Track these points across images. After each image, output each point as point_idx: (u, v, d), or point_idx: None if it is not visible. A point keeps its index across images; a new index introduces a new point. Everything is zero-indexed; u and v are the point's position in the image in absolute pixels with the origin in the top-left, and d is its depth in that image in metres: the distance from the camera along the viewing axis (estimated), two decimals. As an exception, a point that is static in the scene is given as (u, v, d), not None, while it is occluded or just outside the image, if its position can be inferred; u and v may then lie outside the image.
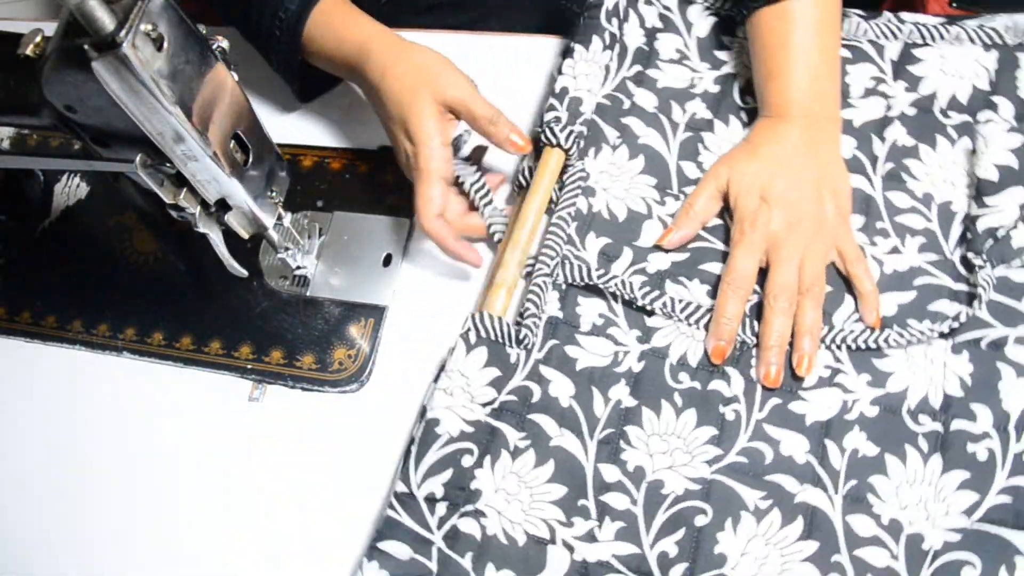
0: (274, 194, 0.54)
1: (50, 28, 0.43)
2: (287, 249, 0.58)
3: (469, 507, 0.49)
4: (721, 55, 0.63)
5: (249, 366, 0.60)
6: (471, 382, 0.51)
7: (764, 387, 0.52)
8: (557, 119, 0.58)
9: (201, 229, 0.52)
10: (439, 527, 0.48)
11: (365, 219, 0.63)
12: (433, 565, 0.47)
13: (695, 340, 0.54)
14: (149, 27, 0.40)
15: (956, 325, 0.51)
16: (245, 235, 0.54)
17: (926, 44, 0.61)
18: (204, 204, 0.51)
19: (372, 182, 0.65)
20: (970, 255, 0.53)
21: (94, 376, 0.62)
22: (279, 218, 0.55)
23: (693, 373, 0.53)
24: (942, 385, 0.51)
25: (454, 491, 0.49)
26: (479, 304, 0.57)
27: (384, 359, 0.59)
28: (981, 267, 0.52)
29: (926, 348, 0.52)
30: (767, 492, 0.49)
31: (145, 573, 0.55)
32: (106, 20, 0.38)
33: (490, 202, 0.59)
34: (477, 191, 0.59)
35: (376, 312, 0.60)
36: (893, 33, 0.61)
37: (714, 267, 0.56)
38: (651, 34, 0.64)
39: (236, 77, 0.49)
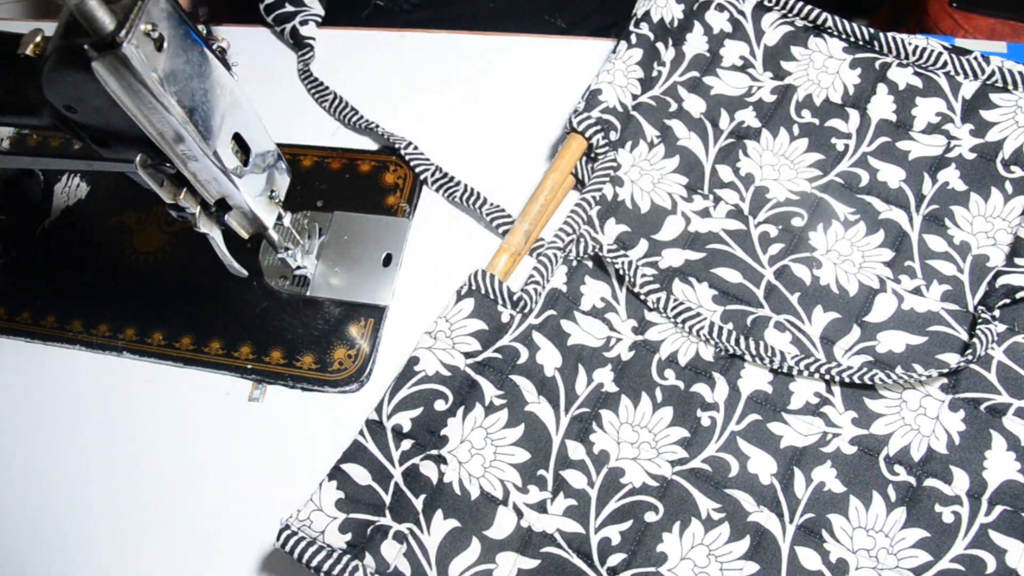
0: (274, 194, 0.54)
1: (50, 28, 0.43)
2: (287, 249, 0.58)
3: (433, 451, 0.50)
4: (787, 66, 0.62)
5: (249, 366, 0.60)
6: (453, 328, 0.53)
7: (749, 399, 0.52)
8: (576, 110, 0.60)
9: (201, 229, 0.52)
10: (401, 462, 0.50)
11: (365, 219, 0.63)
12: (387, 498, 0.49)
13: (689, 341, 0.54)
14: (149, 27, 0.40)
15: (945, 371, 0.50)
16: (245, 235, 0.54)
17: (1006, 90, 0.58)
18: (204, 204, 0.51)
19: (372, 182, 0.65)
20: (980, 308, 0.52)
21: (94, 376, 0.62)
22: (279, 218, 0.55)
23: (679, 372, 0.53)
24: (929, 439, 0.50)
25: (423, 432, 0.51)
26: None
27: (384, 359, 0.59)
28: (985, 320, 0.51)
29: (922, 398, 0.51)
30: (722, 504, 0.49)
31: (145, 572, 0.55)
32: (106, 20, 0.38)
33: (484, 202, 0.61)
34: (468, 199, 0.62)
35: (376, 312, 0.60)
36: (974, 71, 0.58)
37: (727, 273, 0.55)
38: (718, 40, 0.63)
39: (236, 77, 0.49)
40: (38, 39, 0.43)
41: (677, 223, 0.58)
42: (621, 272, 0.55)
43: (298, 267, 0.61)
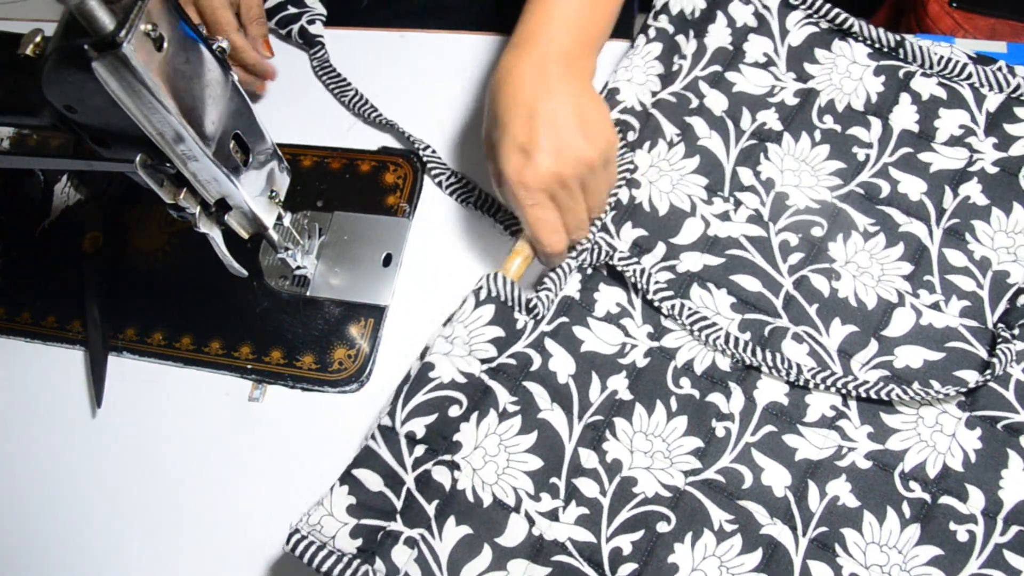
0: (274, 194, 0.54)
1: (50, 28, 0.43)
2: (287, 249, 0.58)
3: (447, 457, 0.50)
4: (810, 68, 0.60)
5: (249, 366, 0.60)
6: (472, 335, 0.52)
7: (765, 410, 0.51)
8: None
9: (201, 229, 0.52)
10: (414, 468, 0.50)
11: (365, 219, 0.63)
12: (399, 503, 0.49)
13: (705, 349, 0.53)
14: (149, 27, 0.40)
15: (964, 390, 0.50)
16: (245, 235, 0.54)
17: None
18: (204, 204, 0.51)
19: (372, 182, 0.65)
20: (1000, 326, 0.51)
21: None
22: (279, 218, 0.55)
23: (695, 381, 0.53)
24: (944, 456, 0.49)
25: (436, 438, 0.50)
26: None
27: (384, 359, 0.59)
28: (1005, 339, 0.50)
29: (939, 414, 0.50)
30: (735, 516, 0.49)
31: (144, 572, 0.55)
32: (106, 20, 0.38)
33: (499, 209, 0.62)
34: (483, 205, 0.62)
35: (376, 312, 0.60)
36: (999, 84, 0.58)
37: (746, 280, 0.55)
38: (741, 34, 0.62)
39: (236, 77, 0.49)
40: (38, 39, 0.43)
41: (696, 226, 0.57)
42: (633, 281, 0.55)
43: (298, 267, 0.61)
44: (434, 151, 0.64)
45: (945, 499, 0.48)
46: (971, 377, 0.51)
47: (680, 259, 0.56)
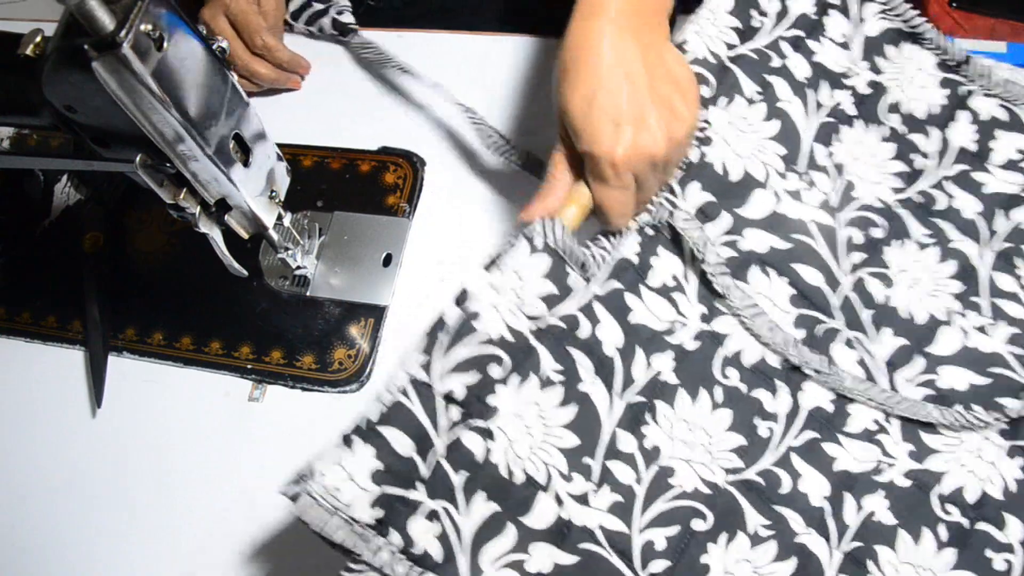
0: (274, 194, 0.54)
1: (50, 28, 0.43)
2: (287, 249, 0.58)
3: (480, 423, 0.44)
4: (881, 63, 0.58)
5: (249, 366, 0.60)
6: (525, 287, 0.46)
7: (809, 414, 0.49)
8: None
9: (201, 229, 0.52)
10: (447, 431, 0.44)
11: (365, 219, 0.63)
12: (426, 472, 0.43)
13: (755, 340, 0.51)
14: (149, 27, 0.40)
15: (1006, 420, 0.48)
16: (245, 235, 0.54)
17: None
18: (204, 204, 0.51)
19: (372, 182, 0.65)
20: None
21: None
22: (279, 218, 0.55)
23: (743, 373, 0.50)
24: (984, 483, 0.48)
25: (472, 399, 0.44)
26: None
27: (384, 359, 0.59)
28: None
29: (980, 441, 0.49)
30: (772, 521, 0.47)
31: (144, 572, 0.55)
32: (106, 20, 0.38)
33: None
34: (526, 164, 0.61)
35: (376, 312, 0.60)
36: None
37: (807, 272, 0.52)
38: (823, 6, 0.58)
39: (236, 77, 0.49)
40: (38, 39, 0.43)
41: (766, 200, 0.53)
42: (694, 248, 0.51)
43: (298, 267, 0.61)
44: (474, 111, 0.63)
45: (982, 525, 0.47)
46: (1014, 406, 0.49)
47: (743, 235, 0.52)
